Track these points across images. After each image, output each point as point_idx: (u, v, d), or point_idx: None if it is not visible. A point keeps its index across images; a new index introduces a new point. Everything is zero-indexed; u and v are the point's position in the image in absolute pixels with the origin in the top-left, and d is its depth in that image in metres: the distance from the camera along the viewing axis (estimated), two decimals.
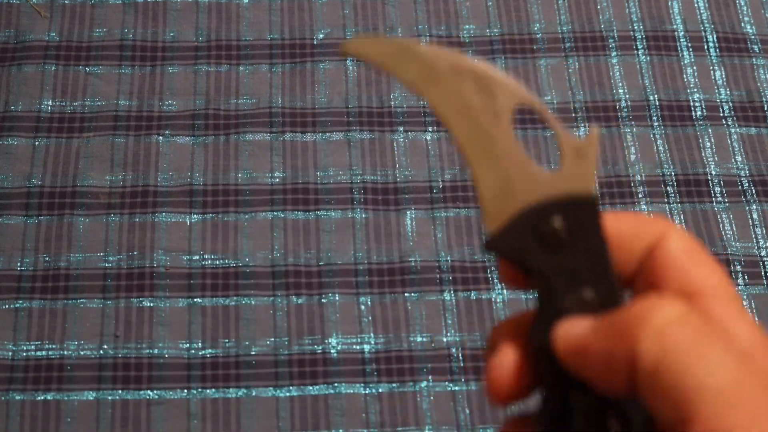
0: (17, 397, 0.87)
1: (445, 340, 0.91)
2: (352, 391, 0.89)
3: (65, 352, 0.90)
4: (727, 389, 0.25)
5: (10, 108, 1.03)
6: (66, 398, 0.88)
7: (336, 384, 0.89)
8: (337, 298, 0.93)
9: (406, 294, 0.94)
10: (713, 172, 1.02)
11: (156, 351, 0.90)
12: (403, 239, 0.97)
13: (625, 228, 0.31)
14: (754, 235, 0.98)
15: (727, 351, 0.25)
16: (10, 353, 0.90)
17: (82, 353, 0.90)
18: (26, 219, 0.96)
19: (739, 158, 1.03)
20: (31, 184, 0.98)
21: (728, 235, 0.98)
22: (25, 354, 0.90)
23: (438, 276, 0.95)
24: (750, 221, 0.99)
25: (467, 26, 1.10)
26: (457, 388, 0.89)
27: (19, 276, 0.93)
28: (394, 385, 0.89)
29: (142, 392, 0.88)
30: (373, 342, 0.91)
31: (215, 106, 1.04)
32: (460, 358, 0.90)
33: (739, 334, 0.28)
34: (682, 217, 0.99)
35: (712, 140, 1.04)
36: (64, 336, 0.90)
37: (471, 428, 0.87)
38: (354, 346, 0.91)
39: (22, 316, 0.91)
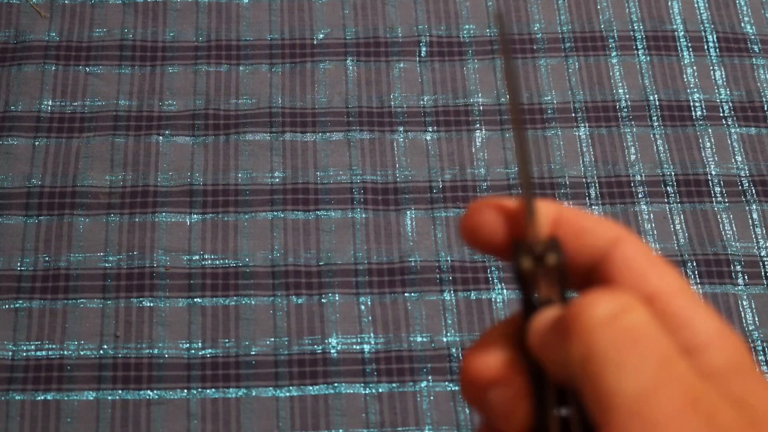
0: (17, 397, 0.87)
1: (445, 340, 0.91)
2: (352, 391, 0.89)
3: (65, 352, 0.90)
4: (640, 397, 0.24)
5: (10, 108, 1.03)
6: (66, 398, 0.88)
7: (336, 384, 0.89)
8: (337, 298, 0.93)
9: (406, 294, 0.94)
10: (713, 172, 1.02)
11: (156, 351, 0.90)
12: (403, 239, 0.97)
13: (582, 229, 0.31)
14: (754, 235, 0.98)
15: (650, 355, 0.25)
16: (10, 353, 0.90)
17: (82, 353, 0.90)
18: (26, 219, 0.96)
19: (739, 158, 1.03)
20: (31, 184, 0.98)
21: (728, 235, 0.98)
22: (25, 354, 0.90)
23: (438, 276, 0.95)
24: (750, 221, 0.99)
25: (467, 26, 1.10)
26: (457, 388, 0.89)
27: (19, 276, 0.93)
28: (394, 385, 0.89)
29: (142, 392, 0.88)
30: (373, 342, 0.91)
31: (215, 106, 1.04)
32: (460, 358, 0.90)
33: (699, 327, 0.28)
34: (682, 217, 0.99)
35: (712, 140, 1.04)
36: (64, 336, 0.91)
37: (471, 428, 0.87)
38: (354, 346, 0.91)
39: (22, 316, 0.91)
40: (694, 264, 0.96)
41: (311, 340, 0.91)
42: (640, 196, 1.00)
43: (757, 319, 0.93)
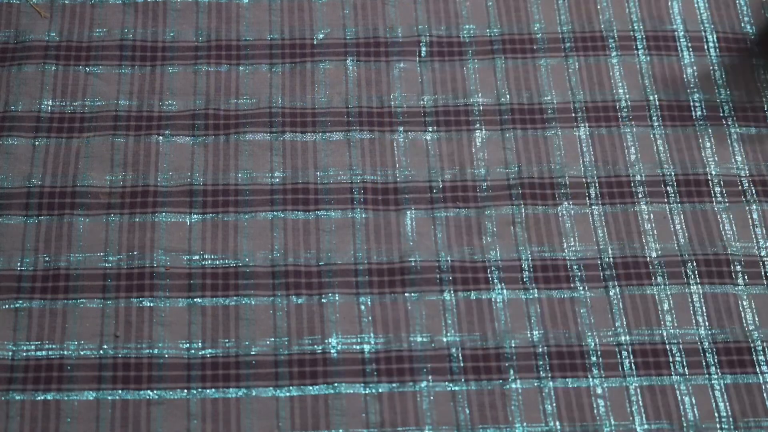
0: (17, 397, 0.87)
1: (445, 340, 0.91)
2: (352, 391, 0.89)
3: (65, 352, 0.90)
4: None
5: (10, 108, 1.03)
6: (66, 398, 0.88)
7: (336, 384, 0.89)
8: (337, 298, 0.93)
9: (406, 294, 0.94)
10: (713, 172, 1.02)
11: (156, 351, 0.90)
12: (403, 239, 0.97)
13: None
14: (754, 235, 0.98)
15: None
16: (10, 353, 0.90)
17: (82, 353, 0.90)
18: (26, 219, 0.96)
19: (739, 158, 1.03)
20: (31, 184, 0.98)
21: (728, 235, 0.98)
22: (25, 354, 0.90)
23: (438, 276, 0.95)
24: (750, 221, 0.99)
25: (467, 26, 1.10)
26: (457, 388, 0.89)
27: (19, 276, 0.93)
28: (394, 385, 0.89)
29: (142, 392, 0.88)
30: (373, 342, 0.91)
31: (215, 106, 1.04)
32: (460, 358, 0.90)
33: None
34: (682, 217, 0.99)
35: (712, 140, 1.04)
36: (64, 336, 0.91)
37: (471, 428, 0.87)
38: (354, 346, 0.91)
39: (22, 316, 0.91)
40: (694, 264, 0.96)
41: (311, 340, 0.91)
42: (640, 196, 1.00)
43: (757, 319, 0.93)
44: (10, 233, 0.96)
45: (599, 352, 0.91)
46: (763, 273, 0.96)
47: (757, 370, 0.90)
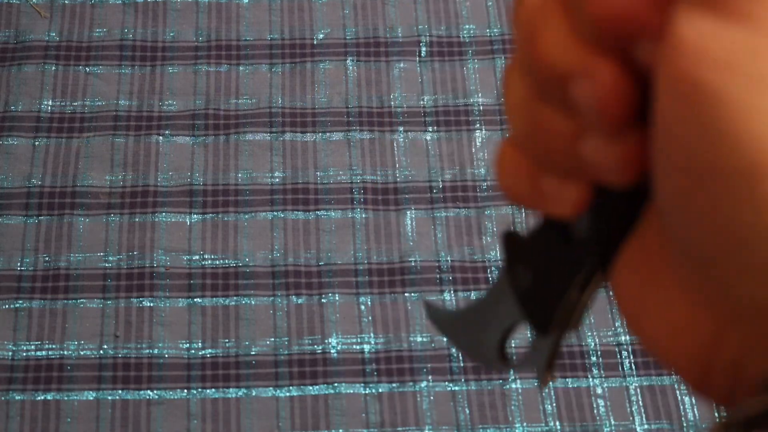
0: (17, 397, 0.87)
1: (445, 340, 0.91)
2: (352, 391, 0.89)
3: (65, 352, 0.90)
4: None
5: (10, 108, 1.03)
6: (66, 398, 0.88)
7: (336, 384, 0.89)
8: (337, 298, 0.93)
9: (406, 294, 0.94)
10: None
11: (156, 351, 0.90)
12: (403, 239, 0.97)
13: None
14: None
15: None
16: (10, 353, 0.90)
17: (82, 353, 0.90)
18: (26, 219, 0.96)
19: None
20: (31, 184, 0.98)
21: None
22: (25, 354, 0.90)
23: (438, 276, 0.95)
24: None
25: (467, 26, 1.10)
26: (456, 388, 0.89)
27: (19, 276, 0.93)
28: (394, 385, 0.89)
29: (142, 392, 0.88)
30: (373, 342, 0.91)
31: (215, 106, 1.04)
32: (460, 358, 0.90)
33: None
34: None
35: None
36: (64, 336, 0.91)
37: (471, 428, 0.87)
38: (354, 346, 0.91)
39: (22, 316, 0.91)
40: None
41: (311, 340, 0.91)
42: None
43: None
44: (10, 233, 0.96)
45: (599, 352, 0.91)
46: None
47: None
